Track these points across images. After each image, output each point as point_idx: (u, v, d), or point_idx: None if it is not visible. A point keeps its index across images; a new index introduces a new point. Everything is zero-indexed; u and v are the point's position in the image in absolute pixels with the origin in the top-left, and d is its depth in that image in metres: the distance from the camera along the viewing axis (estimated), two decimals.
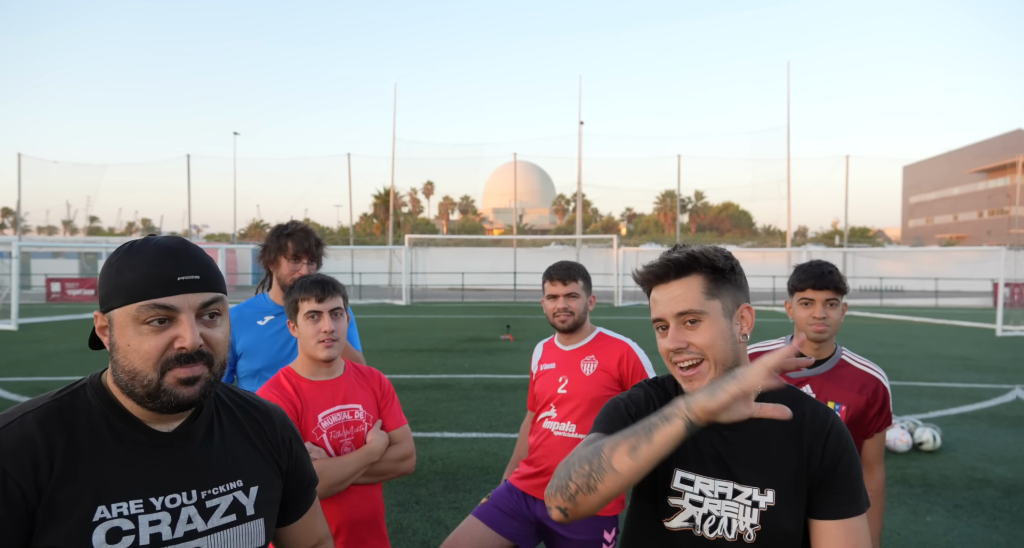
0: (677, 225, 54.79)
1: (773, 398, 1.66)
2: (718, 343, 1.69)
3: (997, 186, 79.46)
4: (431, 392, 10.70)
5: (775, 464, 1.70)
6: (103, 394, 1.44)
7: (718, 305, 1.71)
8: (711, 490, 1.72)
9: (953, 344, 18.03)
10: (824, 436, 1.70)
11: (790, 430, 1.71)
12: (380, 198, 74.43)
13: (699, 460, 1.74)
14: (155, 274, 1.39)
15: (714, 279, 1.72)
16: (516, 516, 3.35)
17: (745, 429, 1.70)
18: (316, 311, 2.70)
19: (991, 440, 8.17)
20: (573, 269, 3.46)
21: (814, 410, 1.75)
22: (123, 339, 1.39)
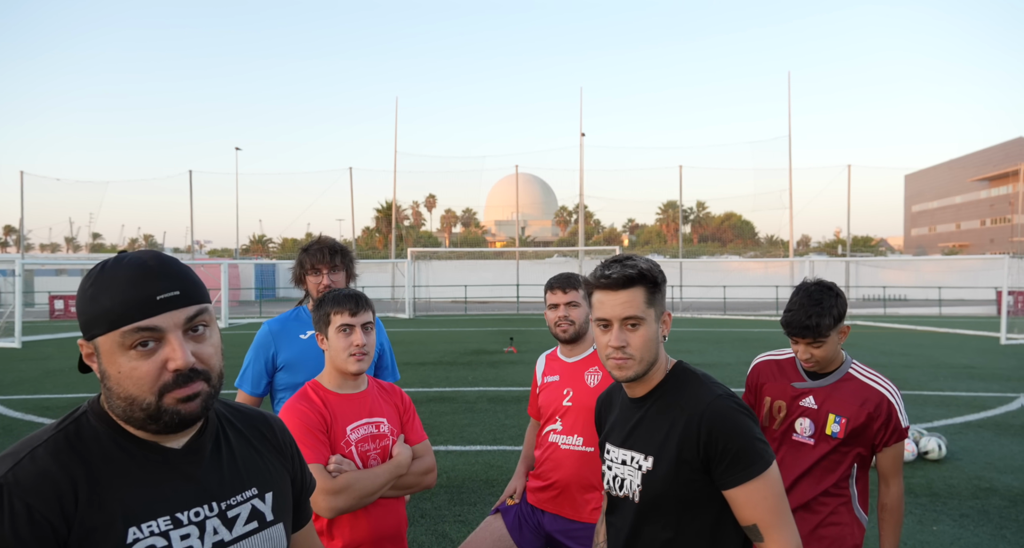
0: (679, 236, 54.69)
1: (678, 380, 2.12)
2: (650, 344, 2.07)
3: (999, 194, 79.47)
4: (435, 405, 10.69)
5: (658, 436, 2.05)
6: (106, 418, 1.40)
7: (653, 312, 2.08)
8: (617, 456, 2.17)
9: (957, 353, 17.99)
10: (697, 419, 1.98)
11: (675, 409, 2.05)
12: (382, 212, 74.47)
13: (615, 432, 2.22)
14: (133, 296, 1.33)
15: (652, 291, 2.07)
16: (530, 526, 3.40)
17: (647, 406, 2.13)
18: (349, 325, 2.71)
19: (997, 449, 8.14)
20: (573, 278, 3.48)
21: (695, 393, 2.05)
22: (113, 367, 1.35)
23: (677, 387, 2.10)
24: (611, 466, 2.21)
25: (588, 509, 3.28)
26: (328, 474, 2.54)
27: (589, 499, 3.28)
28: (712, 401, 2.00)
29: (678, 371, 2.15)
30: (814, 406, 2.99)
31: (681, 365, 2.17)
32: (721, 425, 1.96)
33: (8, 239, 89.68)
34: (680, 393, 2.08)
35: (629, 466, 2.12)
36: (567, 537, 3.30)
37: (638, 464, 2.09)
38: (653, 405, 2.11)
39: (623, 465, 2.15)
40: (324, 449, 2.59)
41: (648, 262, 2.08)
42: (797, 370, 3.09)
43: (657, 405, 2.10)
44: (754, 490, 1.94)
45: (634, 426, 2.14)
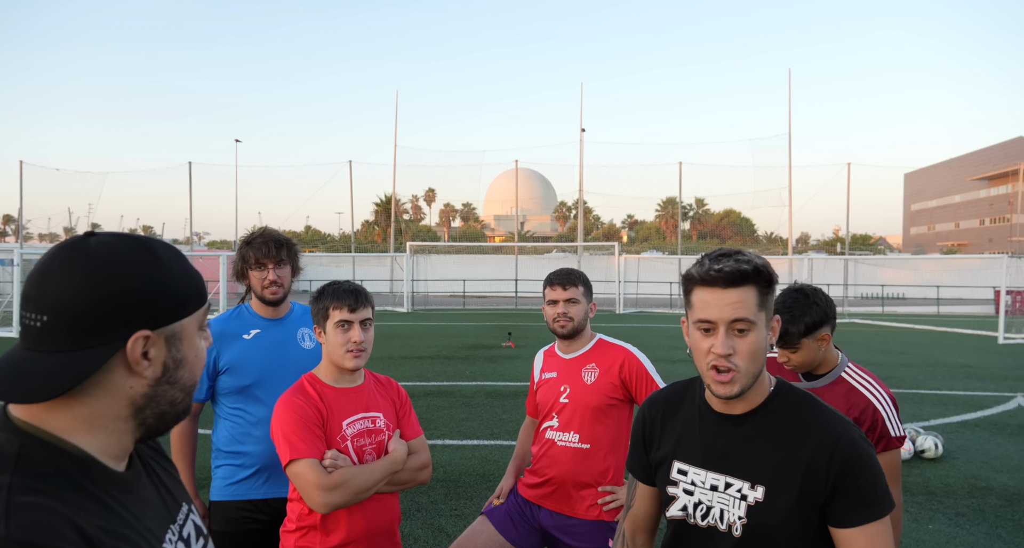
0: (679, 232, 54.72)
1: (788, 400, 1.86)
2: (758, 353, 1.79)
3: (999, 194, 79.48)
4: (432, 399, 10.70)
5: (770, 463, 1.80)
6: (56, 449, 1.11)
7: (764, 317, 1.80)
8: (702, 481, 1.89)
9: (955, 352, 18.01)
10: (831, 448, 1.75)
11: (794, 435, 1.80)
12: (382, 205, 74.38)
13: (696, 452, 1.92)
14: (197, 274, 1.23)
15: (765, 292, 1.80)
16: (523, 523, 3.37)
17: (749, 425, 1.85)
18: (347, 320, 2.68)
19: (993, 448, 8.16)
20: (573, 275, 3.46)
21: (824, 420, 1.80)
22: (192, 350, 1.22)
23: (792, 408, 1.85)
24: (691, 490, 1.92)
25: (584, 506, 3.28)
26: (323, 469, 2.52)
27: (584, 496, 3.28)
28: (846, 431, 1.78)
29: (787, 389, 1.90)
30: None
31: (787, 383, 1.93)
32: (857, 459, 1.75)
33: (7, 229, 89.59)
34: (799, 416, 1.83)
35: (723, 493, 1.85)
36: (563, 533, 3.30)
37: (740, 493, 1.82)
38: (760, 425, 1.85)
39: (713, 491, 1.87)
40: (319, 444, 2.57)
41: (761, 258, 1.83)
42: (792, 371, 3.07)
43: (767, 426, 1.84)
44: (875, 533, 1.74)
45: (729, 447, 1.87)
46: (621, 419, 3.37)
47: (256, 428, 3.18)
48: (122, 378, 1.14)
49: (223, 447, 3.25)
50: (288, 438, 2.55)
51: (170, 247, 1.22)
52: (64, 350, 1.09)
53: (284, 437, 2.56)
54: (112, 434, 1.16)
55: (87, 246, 1.13)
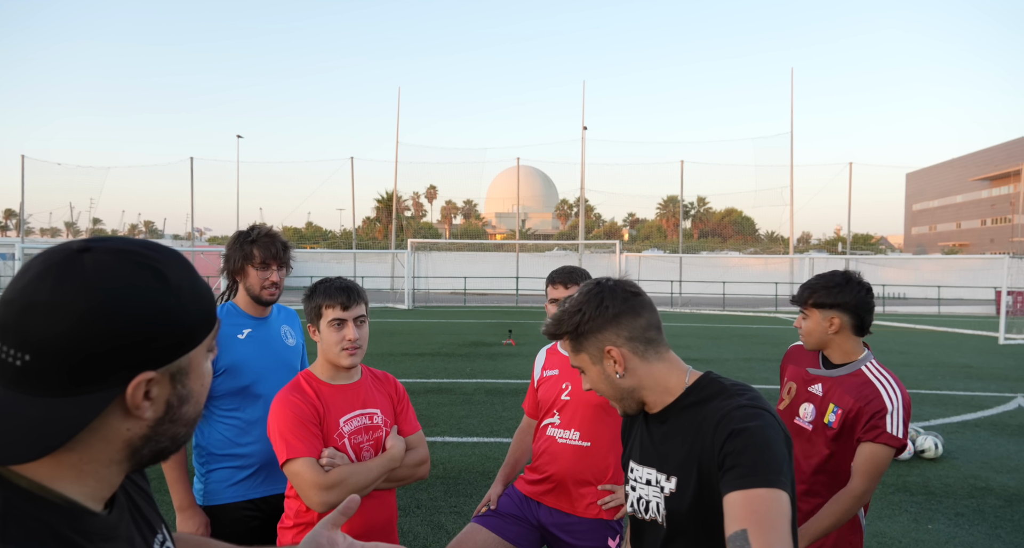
0: (680, 231, 54.66)
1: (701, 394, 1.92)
2: (601, 387, 1.98)
3: (1000, 194, 79.41)
4: (432, 396, 10.70)
5: (680, 454, 1.88)
6: (45, 503, 0.96)
7: (585, 357, 1.97)
8: (640, 476, 2.01)
9: (955, 352, 18.00)
10: (715, 424, 1.80)
11: (698, 423, 1.86)
12: (383, 202, 74.38)
13: (640, 449, 2.05)
14: (210, 294, 1.06)
15: (573, 338, 1.96)
16: (520, 521, 3.34)
17: (669, 421, 1.95)
18: (341, 319, 2.67)
19: (993, 448, 8.15)
20: (576, 273, 3.45)
21: (721, 405, 1.84)
22: (198, 381, 1.06)
23: (700, 399, 1.91)
24: (635, 486, 2.04)
25: (584, 504, 3.27)
26: (320, 468, 2.51)
27: (585, 494, 3.27)
28: (733, 408, 1.80)
29: (703, 383, 1.94)
30: (820, 393, 3.08)
31: (709, 377, 1.97)
32: (738, 429, 1.74)
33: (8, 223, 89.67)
34: (704, 404, 1.89)
35: (652, 487, 1.96)
36: (563, 531, 3.29)
37: (660, 485, 1.93)
38: (675, 420, 1.94)
39: (647, 486, 1.98)
40: (317, 442, 2.56)
41: (567, 308, 1.98)
42: (817, 358, 3.19)
43: (680, 420, 1.92)
44: (756, 498, 1.65)
45: (655, 444, 1.98)
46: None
47: (254, 427, 3.15)
48: (118, 422, 0.98)
49: (217, 450, 3.16)
50: (285, 437, 2.54)
51: (179, 263, 1.02)
52: (50, 396, 0.91)
53: (281, 436, 2.55)
54: (102, 479, 1.01)
55: (81, 267, 0.93)
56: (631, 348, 1.92)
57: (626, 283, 2.01)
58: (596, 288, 1.96)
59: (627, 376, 1.93)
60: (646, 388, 1.95)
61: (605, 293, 1.94)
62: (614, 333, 1.92)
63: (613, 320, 1.92)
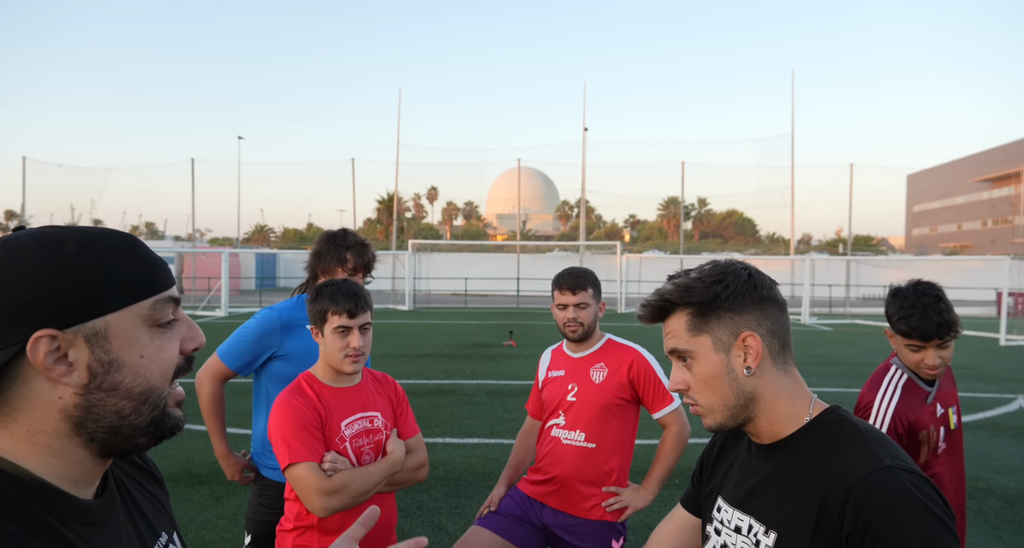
0: (681, 232, 54.64)
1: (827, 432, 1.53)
2: (711, 383, 1.56)
3: (1001, 195, 79.34)
4: (433, 398, 10.70)
5: (788, 505, 1.50)
6: (8, 475, 0.99)
7: (707, 340, 1.56)
8: (730, 520, 1.64)
9: (956, 353, 17.78)
10: (847, 487, 1.39)
11: (820, 472, 1.47)
12: (384, 203, 74.39)
13: (730, 485, 1.68)
14: (153, 261, 1.08)
15: (699, 312, 1.56)
16: (523, 522, 3.35)
17: (780, 459, 1.57)
18: (346, 327, 2.65)
19: (994, 450, 8.15)
20: (583, 277, 3.43)
21: (856, 457, 1.43)
22: (133, 351, 1.04)
23: (825, 441, 1.51)
24: (719, 530, 1.66)
25: (588, 505, 3.27)
26: (323, 473, 2.49)
27: (589, 495, 3.27)
28: (874, 472, 1.38)
29: (831, 418, 1.55)
30: (942, 410, 2.96)
31: (837, 412, 1.57)
32: (883, 505, 1.34)
33: (9, 224, 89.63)
34: (829, 450, 1.49)
35: (744, 536, 1.58)
36: (566, 532, 3.29)
37: (755, 538, 1.54)
38: (788, 461, 1.54)
39: (736, 533, 1.60)
40: (319, 446, 2.55)
41: (693, 277, 1.59)
42: (920, 387, 2.94)
43: (793, 463, 1.53)
44: None
45: (757, 484, 1.59)
46: (627, 420, 3.36)
47: None
48: (45, 387, 1.00)
49: None
50: (287, 441, 2.53)
51: (100, 233, 1.05)
52: None
53: (283, 439, 2.53)
54: (61, 456, 1.02)
55: (3, 240, 1.01)
56: (769, 344, 1.55)
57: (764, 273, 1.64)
58: (739, 264, 1.60)
59: (755, 377, 1.55)
60: (765, 403, 1.56)
61: (753, 272, 1.58)
62: (756, 319, 1.55)
63: (760, 304, 1.56)
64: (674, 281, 1.60)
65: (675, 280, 1.60)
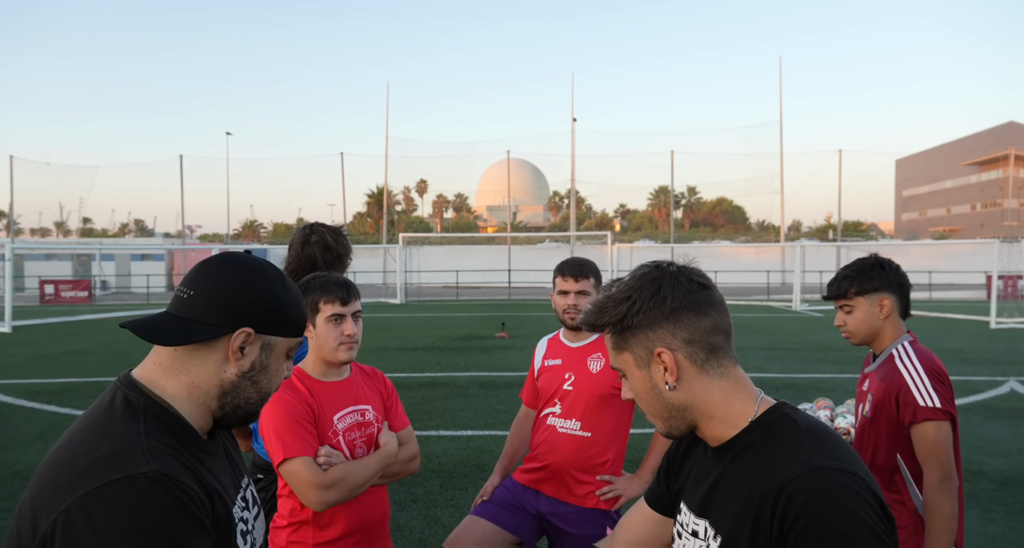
0: (671, 221, 54.78)
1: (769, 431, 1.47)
2: (643, 398, 1.56)
3: (990, 179, 79.73)
4: (426, 390, 10.70)
5: (731, 510, 1.45)
6: (167, 411, 1.39)
7: (629, 358, 1.55)
8: (687, 523, 1.59)
9: (947, 337, 18.05)
10: (777, 488, 1.35)
11: (756, 474, 1.42)
12: (374, 197, 74.42)
13: (691, 492, 1.63)
14: (306, 316, 1.63)
15: (616, 331, 1.55)
16: (518, 510, 3.35)
17: (726, 462, 1.52)
18: (340, 314, 2.64)
19: (986, 432, 8.19)
20: (586, 266, 3.46)
21: (788, 457, 1.39)
22: (276, 364, 1.51)
23: (768, 440, 1.46)
24: (681, 533, 1.62)
25: (582, 493, 3.28)
26: (318, 468, 2.48)
27: (583, 483, 3.28)
28: (804, 473, 1.33)
29: (773, 417, 1.49)
30: (866, 389, 2.96)
31: (782, 410, 1.51)
32: (807, 509, 1.29)
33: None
34: (767, 450, 1.45)
35: (700, 540, 1.53)
36: (561, 520, 3.30)
37: (707, 542, 1.51)
38: (733, 463, 1.50)
39: (694, 537, 1.55)
40: (313, 441, 2.54)
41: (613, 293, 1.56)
42: (869, 357, 3.04)
43: (737, 464, 1.49)
44: None
45: (710, 487, 1.54)
46: (623, 410, 3.37)
47: None
48: (221, 361, 1.43)
49: None
50: (280, 436, 2.51)
51: (296, 287, 1.55)
52: (190, 319, 1.40)
53: (276, 435, 2.52)
54: (200, 407, 1.43)
55: (244, 257, 1.49)
56: (688, 354, 1.50)
57: (693, 271, 1.57)
58: (654, 272, 1.54)
59: (679, 389, 1.51)
60: (699, 410, 1.52)
61: (665, 281, 1.51)
62: (669, 332, 1.50)
63: (671, 316, 1.50)
64: (596, 300, 1.59)
65: (598, 298, 1.59)
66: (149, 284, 40.44)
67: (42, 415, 9.12)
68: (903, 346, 2.91)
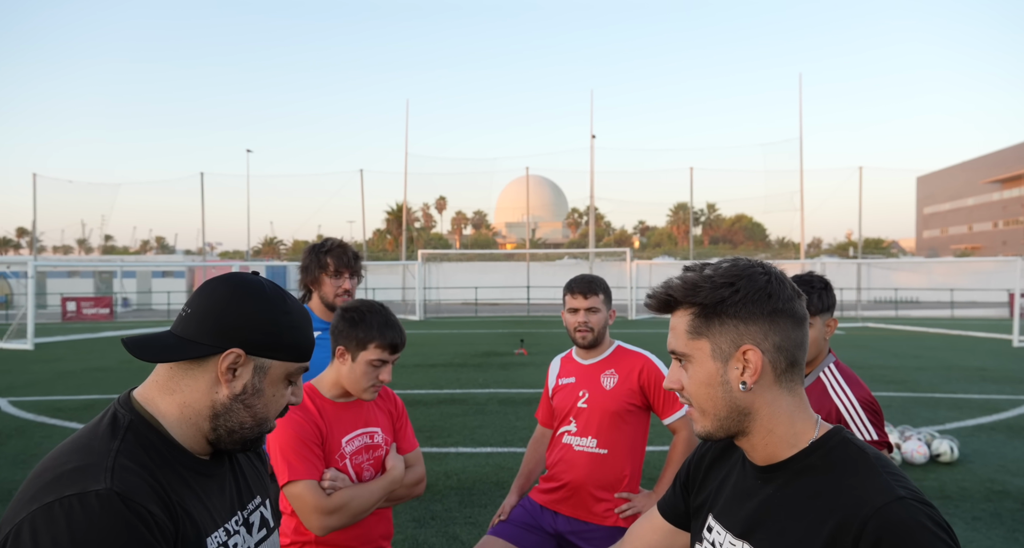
0: (690, 238, 54.68)
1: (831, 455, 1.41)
2: (702, 391, 1.46)
3: (1012, 196, 79.04)
4: (445, 407, 10.71)
5: (789, 535, 1.38)
6: (153, 429, 1.40)
7: (706, 345, 1.45)
8: (721, 541, 1.52)
9: (970, 355, 17.91)
10: (860, 522, 1.27)
11: (824, 502, 1.35)
12: (393, 214, 74.58)
13: (724, 507, 1.56)
14: (310, 340, 1.53)
15: (703, 314, 1.44)
16: (536, 530, 3.35)
17: (779, 483, 1.45)
18: (384, 361, 2.62)
19: (1009, 452, 8.11)
20: (595, 283, 3.45)
21: (865, 485, 1.33)
22: (271, 389, 1.47)
23: (829, 466, 1.39)
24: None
25: (601, 511, 3.28)
26: (322, 491, 2.46)
27: (602, 500, 3.28)
28: (890, 503, 1.28)
29: (835, 441, 1.43)
30: None
31: (841, 435, 1.44)
32: (900, 540, 1.24)
33: (21, 241, 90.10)
34: (837, 477, 1.37)
35: None
36: (580, 538, 3.30)
37: None
38: (787, 486, 1.42)
39: None
40: (319, 463, 2.51)
41: (707, 272, 1.47)
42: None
43: (795, 488, 1.41)
44: None
45: (756, 510, 1.46)
46: (639, 426, 3.38)
47: None
48: (213, 382, 1.42)
49: None
50: (287, 456, 2.48)
51: (302, 309, 1.52)
52: (184, 338, 1.41)
53: (282, 456, 2.49)
54: (191, 428, 1.42)
55: (245, 277, 1.47)
56: (773, 360, 1.42)
57: (791, 279, 1.51)
58: (760, 268, 1.46)
59: (750, 393, 1.43)
60: (761, 422, 1.44)
61: (772, 279, 1.44)
62: (763, 332, 1.42)
63: (770, 316, 1.42)
64: (684, 275, 1.48)
65: (686, 274, 1.48)
66: (170, 301, 40.66)
67: (63, 432, 9.16)
68: (830, 370, 2.92)
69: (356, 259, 3.55)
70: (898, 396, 11.67)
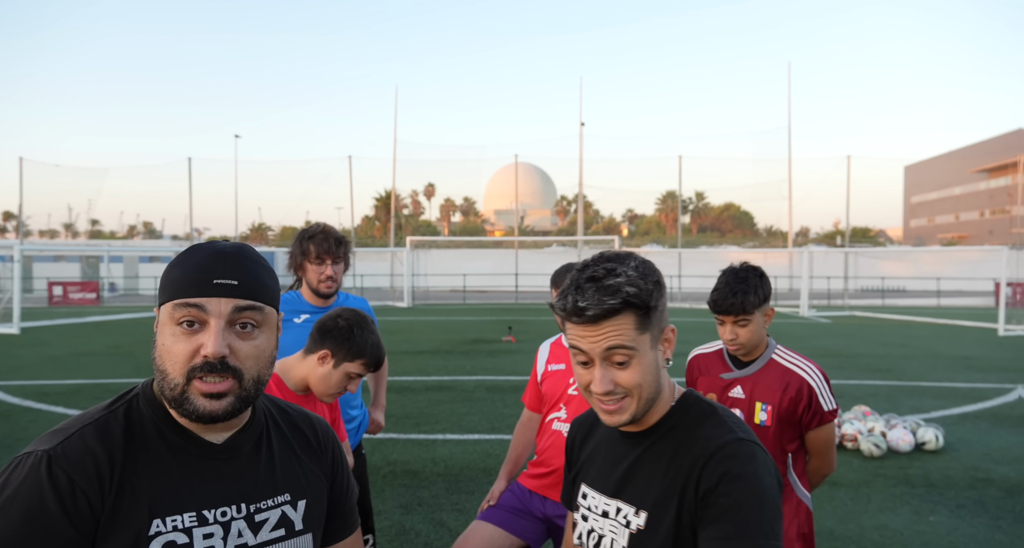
0: (679, 226, 54.67)
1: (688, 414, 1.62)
2: (649, 379, 1.55)
3: (999, 186, 79.38)
4: (433, 394, 10.70)
5: (656, 485, 1.56)
6: (154, 403, 1.40)
7: (647, 338, 1.54)
8: (596, 505, 1.68)
9: (955, 344, 18.01)
10: (706, 457, 1.50)
11: (683, 451, 1.56)
12: (381, 200, 74.51)
13: (596, 472, 1.73)
14: (195, 274, 1.35)
15: (646, 312, 1.53)
16: (524, 514, 3.35)
17: (647, 443, 1.62)
18: (361, 376, 2.72)
19: (994, 440, 8.16)
20: None
21: (713, 434, 1.55)
22: (161, 337, 1.36)
23: (690, 423, 1.60)
24: (586, 516, 1.71)
25: None
26: None
27: None
28: (730, 442, 1.51)
29: (690, 401, 1.65)
30: (742, 396, 2.99)
31: (693, 395, 1.67)
32: (736, 473, 1.47)
33: (7, 225, 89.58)
34: (691, 429, 1.59)
35: (613, 520, 1.63)
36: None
37: (626, 519, 1.60)
38: (655, 445, 1.61)
39: (604, 518, 1.65)
40: None
41: (636, 271, 1.54)
42: (725, 361, 3.11)
43: (660, 445, 1.60)
44: None
45: (627, 470, 1.64)
46: None
47: None
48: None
49: None
50: None
51: (205, 250, 1.40)
52: None
53: None
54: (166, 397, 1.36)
55: (202, 243, 1.42)
56: None
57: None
58: (641, 257, 1.60)
59: (663, 372, 1.62)
60: (659, 397, 1.62)
61: (648, 262, 1.59)
62: (666, 311, 1.61)
63: (663, 299, 1.58)
64: (622, 282, 1.50)
65: (615, 280, 1.51)
66: (157, 286, 40.44)
67: (49, 416, 9.12)
68: (782, 350, 3.04)
69: (339, 244, 3.54)
70: (884, 384, 11.73)
